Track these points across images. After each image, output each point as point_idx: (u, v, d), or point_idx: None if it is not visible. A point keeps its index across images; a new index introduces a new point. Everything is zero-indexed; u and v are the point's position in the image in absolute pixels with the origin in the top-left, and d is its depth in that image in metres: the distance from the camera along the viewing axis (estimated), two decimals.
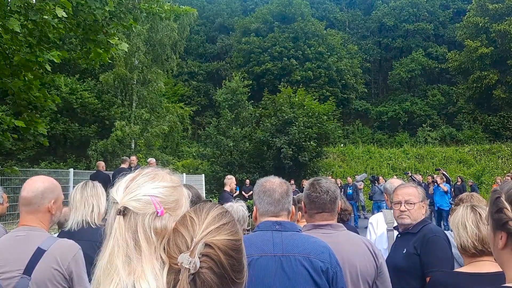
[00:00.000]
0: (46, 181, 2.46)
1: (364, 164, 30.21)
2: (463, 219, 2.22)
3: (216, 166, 24.99)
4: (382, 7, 48.59)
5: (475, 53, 35.80)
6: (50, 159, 22.85)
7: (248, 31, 43.86)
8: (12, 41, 6.36)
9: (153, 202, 1.20)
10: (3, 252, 2.28)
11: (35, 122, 7.68)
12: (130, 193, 1.21)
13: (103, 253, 1.18)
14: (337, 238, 2.45)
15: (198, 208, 1.22)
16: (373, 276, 2.44)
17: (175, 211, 1.25)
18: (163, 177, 1.29)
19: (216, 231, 1.14)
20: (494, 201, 1.25)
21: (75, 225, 3.05)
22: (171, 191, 1.27)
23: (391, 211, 3.92)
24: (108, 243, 1.18)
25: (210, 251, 1.11)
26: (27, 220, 2.38)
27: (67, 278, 2.31)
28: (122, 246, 1.16)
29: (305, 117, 23.63)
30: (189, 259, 1.07)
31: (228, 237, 1.15)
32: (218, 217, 1.18)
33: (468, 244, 2.16)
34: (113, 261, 1.15)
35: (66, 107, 22.93)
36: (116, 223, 1.18)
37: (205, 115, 40.49)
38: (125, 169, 11.66)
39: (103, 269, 1.16)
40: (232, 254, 1.14)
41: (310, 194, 2.54)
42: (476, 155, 30.19)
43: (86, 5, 6.84)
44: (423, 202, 3.15)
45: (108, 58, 7.45)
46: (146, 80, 24.91)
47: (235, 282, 1.15)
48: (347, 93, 41.89)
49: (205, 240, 1.11)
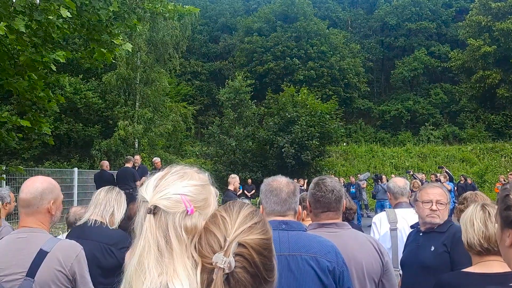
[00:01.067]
0: (45, 182, 2.43)
1: (367, 163, 30.17)
2: (471, 216, 2.22)
3: (219, 165, 25.03)
4: (384, 6, 48.47)
5: (478, 52, 35.65)
6: (55, 158, 22.93)
7: (251, 30, 43.85)
8: (17, 41, 6.38)
9: (183, 200, 1.20)
10: (5, 255, 2.27)
11: (40, 122, 7.71)
12: (160, 191, 1.21)
13: (134, 253, 1.17)
14: (343, 236, 2.46)
15: (228, 207, 1.23)
16: (379, 274, 2.45)
17: (205, 209, 1.25)
18: (192, 175, 1.30)
19: (248, 230, 1.15)
20: (503, 199, 1.24)
21: (92, 222, 3.04)
22: (200, 189, 1.27)
23: (394, 210, 3.93)
24: (139, 243, 1.17)
25: (243, 251, 1.11)
26: (27, 222, 2.36)
27: (70, 278, 2.31)
28: (153, 245, 1.15)
29: (308, 116, 23.63)
30: (223, 259, 1.08)
31: (260, 236, 1.16)
32: (249, 216, 1.19)
33: (474, 241, 2.15)
34: (144, 261, 1.14)
35: (70, 107, 23.02)
36: (146, 222, 1.17)
37: (208, 114, 40.53)
38: (129, 168, 11.73)
39: (134, 269, 1.15)
40: (264, 253, 1.15)
41: (315, 193, 2.54)
42: (479, 154, 30.12)
43: (90, 5, 6.86)
44: (448, 203, 3.21)
45: (111, 58, 7.46)
46: (149, 80, 24.94)
47: (267, 281, 1.16)
48: (350, 92, 41.81)
49: (238, 239, 1.12)
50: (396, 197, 4.02)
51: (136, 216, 1.23)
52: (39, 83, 7.55)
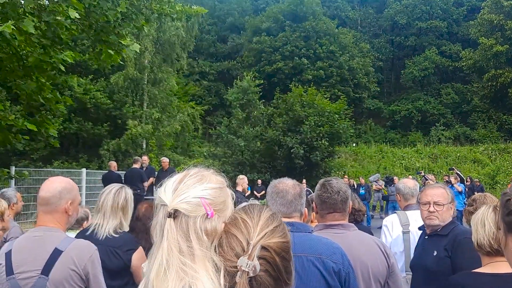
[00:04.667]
0: (64, 182, 2.48)
1: (376, 164, 30.01)
2: (483, 217, 2.23)
3: (227, 166, 25.01)
4: (394, 5, 48.15)
5: (489, 51, 35.35)
6: (63, 159, 23.07)
7: (259, 30, 43.84)
8: (26, 43, 6.42)
9: (203, 204, 1.20)
10: (21, 252, 2.32)
11: (46, 124, 7.76)
12: (180, 195, 1.21)
13: (155, 257, 1.17)
14: (348, 238, 2.47)
15: (249, 210, 1.24)
16: (385, 275, 2.45)
17: (223, 212, 1.25)
18: (210, 178, 1.29)
19: (270, 234, 1.16)
20: (505, 204, 1.24)
21: (99, 236, 3.04)
22: (219, 192, 1.27)
23: (406, 212, 3.86)
24: (160, 246, 1.17)
25: (266, 254, 1.13)
26: (44, 221, 2.41)
27: (83, 278, 2.35)
28: (175, 249, 1.15)
29: (317, 116, 23.54)
30: (248, 262, 1.09)
31: (281, 239, 1.18)
32: (270, 219, 1.21)
33: (484, 242, 2.17)
34: (167, 265, 1.14)
35: (80, 107, 23.17)
36: (167, 226, 1.17)
37: (216, 114, 40.58)
38: (137, 169, 11.76)
39: (157, 273, 1.15)
40: (285, 256, 1.17)
41: (321, 194, 2.55)
42: (490, 155, 29.83)
43: (98, 6, 6.88)
44: (451, 204, 3.11)
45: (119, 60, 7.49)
46: (156, 80, 25.04)
47: (287, 283, 1.18)
48: (359, 92, 41.65)
49: (261, 243, 1.13)
50: (407, 198, 3.94)
51: (154, 219, 1.23)
52: (47, 85, 7.60)
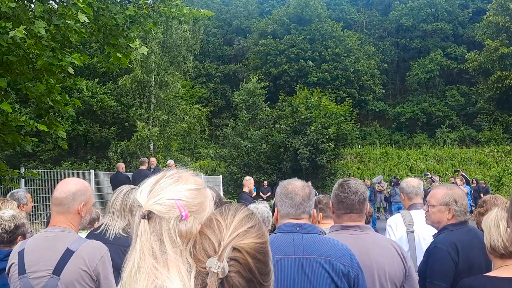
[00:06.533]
0: (79, 183, 2.50)
1: (382, 166, 29.94)
2: (496, 218, 2.16)
3: (233, 167, 25.07)
4: (399, 7, 48.04)
5: (495, 53, 35.15)
6: (72, 160, 23.24)
7: (265, 33, 43.88)
8: (36, 46, 6.50)
9: (178, 205, 1.18)
10: (34, 252, 2.34)
11: (55, 126, 7.83)
12: (154, 196, 1.20)
13: (130, 258, 1.18)
14: (366, 239, 2.44)
15: (224, 211, 1.21)
16: (402, 279, 2.42)
17: (200, 213, 1.23)
18: (187, 179, 1.27)
19: (243, 235, 1.14)
20: None
21: (108, 235, 3.06)
22: (195, 193, 1.24)
23: (410, 212, 3.81)
24: (134, 247, 1.17)
25: (238, 255, 1.11)
26: (57, 221, 2.43)
27: (94, 279, 2.36)
28: (147, 250, 1.15)
29: (322, 118, 23.54)
30: (217, 264, 1.07)
31: (255, 240, 1.15)
32: (244, 220, 1.18)
33: (499, 244, 2.10)
34: (140, 266, 1.14)
35: (87, 110, 23.34)
36: (141, 227, 1.17)
37: (222, 116, 40.68)
38: (144, 170, 11.83)
39: (130, 274, 1.15)
40: (259, 257, 1.14)
41: (339, 194, 2.53)
42: (496, 157, 29.67)
43: (107, 10, 6.96)
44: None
45: (127, 62, 7.55)
46: (163, 83, 25.14)
47: (262, 285, 1.15)
48: (365, 94, 41.55)
49: (233, 244, 1.11)
50: (410, 197, 3.89)
51: (132, 220, 1.24)
52: (56, 87, 7.67)
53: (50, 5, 7.07)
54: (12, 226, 3.06)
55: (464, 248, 2.80)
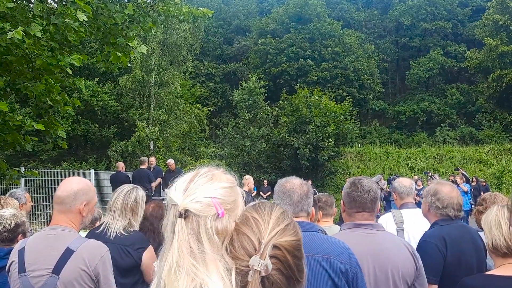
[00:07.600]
0: (81, 183, 2.49)
1: (381, 164, 29.92)
2: (497, 217, 2.14)
3: (234, 166, 25.05)
4: (399, 6, 48.01)
5: (495, 51, 35.13)
6: (72, 159, 23.25)
7: (265, 32, 43.85)
8: (34, 45, 6.49)
9: (214, 203, 1.18)
10: (34, 251, 2.34)
11: (55, 125, 7.83)
12: (191, 195, 1.19)
13: (167, 256, 1.16)
14: (379, 238, 2.47)
15: (259, 208, 1.23)
16: (413, 277, 2.44)
17: (234, 211, 1.24)
18: (220, 177, 1.28)
19: (282, 232, 1.15)
20: None
21: (109, 234, 3.08)
22: (229, 191, 1.25)
23: (400, 211, 3.90)
24: (171, 247, 1.16)
25: (278, 253, 1.12)
26: (58, 220, 2.43)
27: (93, 279, 2.35)
28: (186, 249, 1.14)
29: (322, 116, 23.54)
30: (260, 262, 1.08)
31: (292, 237, 1.16)
32: (281, 218, 1.19)
33: (501, 243, 2.08)
34: (178, 265, 1.13)
35: (87, 109, 23.35)
36: (178, 226, 1.16)
37: (222, 116, 40.69)
38: (144, 169, 11.84)
39: (169, 272, 1.14)
40: (297, 254, 1.16)
41: (351, 192, 2.55)
42: (496, 155, 29.64)
43: (106, 9, 6.95)
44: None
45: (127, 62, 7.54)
46: (163, 82, 25.14)
47: (299, 281, 1.17)
48: (364, 93, 41.54)
49: (273, 241, 1.12)
50: (402, 197, 3.97)
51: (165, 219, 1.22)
52: (55, 87, 7.67)
53: (49, 4, 7.07)
54: (12, 225, 3.07)
55: (453, 241, 2.87)
